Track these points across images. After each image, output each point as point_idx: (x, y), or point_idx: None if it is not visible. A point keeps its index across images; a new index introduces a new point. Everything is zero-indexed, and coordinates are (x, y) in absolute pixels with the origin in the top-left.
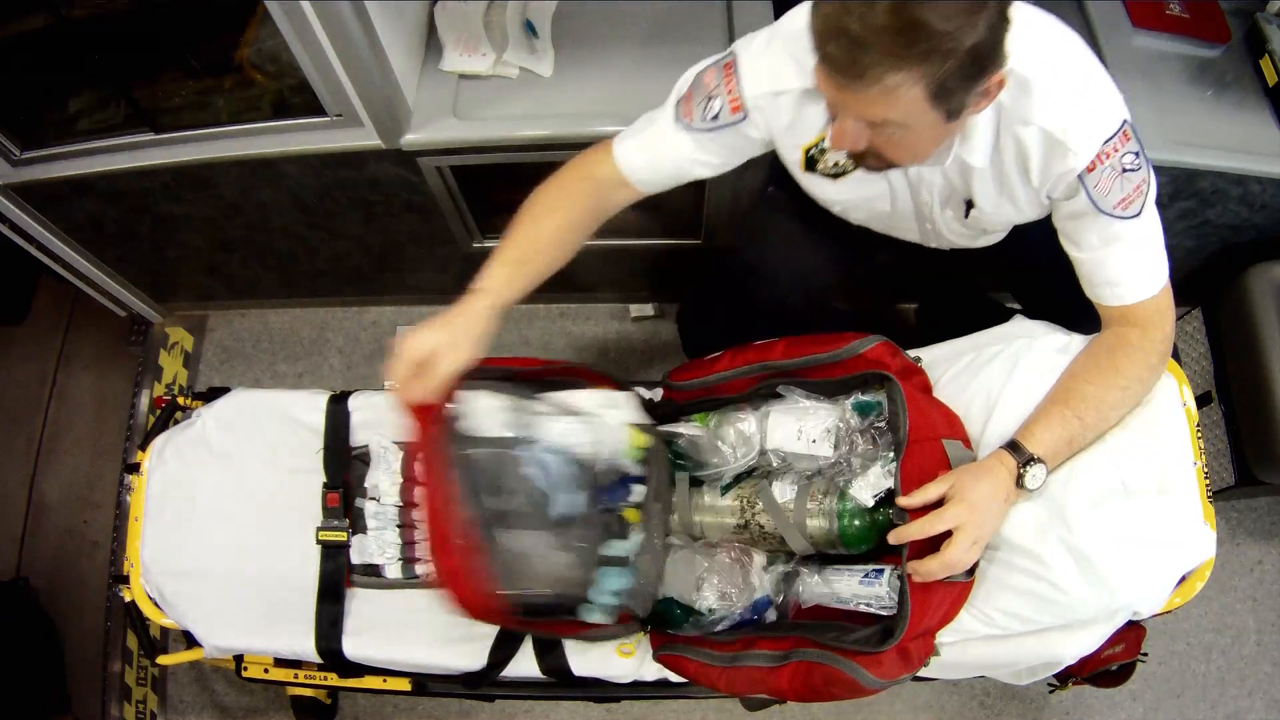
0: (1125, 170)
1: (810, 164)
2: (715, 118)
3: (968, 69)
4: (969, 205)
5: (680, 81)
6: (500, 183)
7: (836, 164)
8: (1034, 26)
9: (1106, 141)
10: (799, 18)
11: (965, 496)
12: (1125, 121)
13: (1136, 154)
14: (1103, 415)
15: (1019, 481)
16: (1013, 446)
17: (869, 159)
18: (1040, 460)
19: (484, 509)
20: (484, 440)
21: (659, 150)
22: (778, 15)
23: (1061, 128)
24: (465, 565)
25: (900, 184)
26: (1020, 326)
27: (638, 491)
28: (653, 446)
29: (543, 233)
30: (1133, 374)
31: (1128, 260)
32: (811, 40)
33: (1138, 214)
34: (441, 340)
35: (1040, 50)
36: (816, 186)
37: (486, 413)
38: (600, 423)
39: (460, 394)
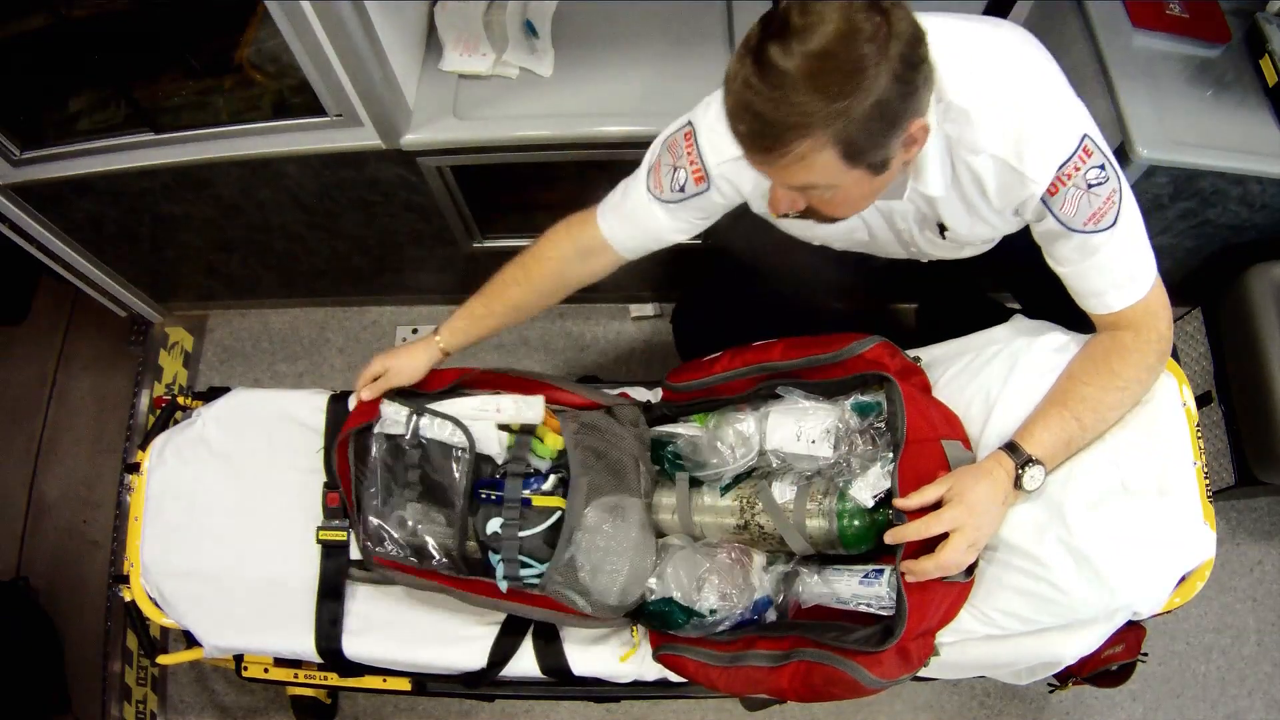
0: (1091, 186)
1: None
2: (681, 189)
3: (876, 124)
4: (942, 227)
5: (650, 150)
6: (500, 183)
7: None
8: (973, 54)
9: (1063, 165)
10: None
11: (964, 499)
12: (1084, 137)
13: (1101, 167)
14: (1101, 416)
15: (1017, 483)
16: (1011, 448)
17: (814, 216)
18: (1039, 462)
19: (383, 481)
20: (386, 436)
21: (636, 221)
22: None
23: (1014, 154)
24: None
25: (874, 217)
26: (1020, 326)
27: (550, 485)
28: (563, 448)
29: (507, 300)
30: (1130, 375)
31: (1108, 270)
32: (726, 121)
33: (1111, 225)
34: (390, 365)
35: (979, 78)
36: (795, 228)
37: (393, 415)
38: (482, 425)
39: (382, 403)
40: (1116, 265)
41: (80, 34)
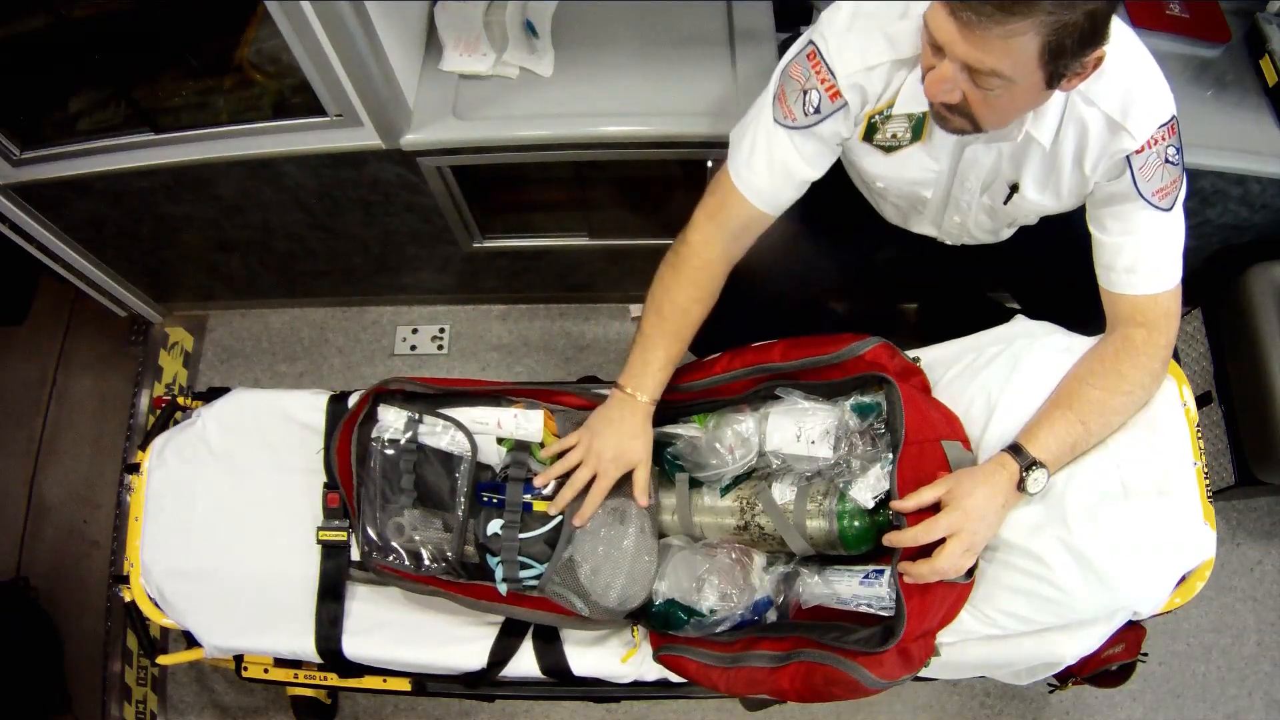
0: (1168, 161)
1: (869, 132)
2: (817, 109)
3: (1085, 32)
4: (1012, 191)
5: (767, 88)
6: (500, 183)
7: (894, 135)
8: None
9: (1159, 128)
10: None
11: (961, 503)
12: (1174, 116)
13: (1178, 150)
14: (1106, 420)
15: (1021, 486)
16: (1015, 450)
17: (954, 117)
18: (1042, 465)
19: (383, 488)
20: (386, 441)
21: (774, 165)
22: (778, 15)
23: (1122, 111)
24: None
25: (946, 167)
26: (1020, 326)
27: (550, 489)
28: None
29: (693, 320)
30: (1136, 379)
31: (1149, 250)
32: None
33: (1169, 208)
34: (638, 451)
35: (1112, 35)
36: (866, 158)
37: (392, 420)
38: (485, 435)
39: (379, 407)
40: (1156, 250)
41: (80, 34)
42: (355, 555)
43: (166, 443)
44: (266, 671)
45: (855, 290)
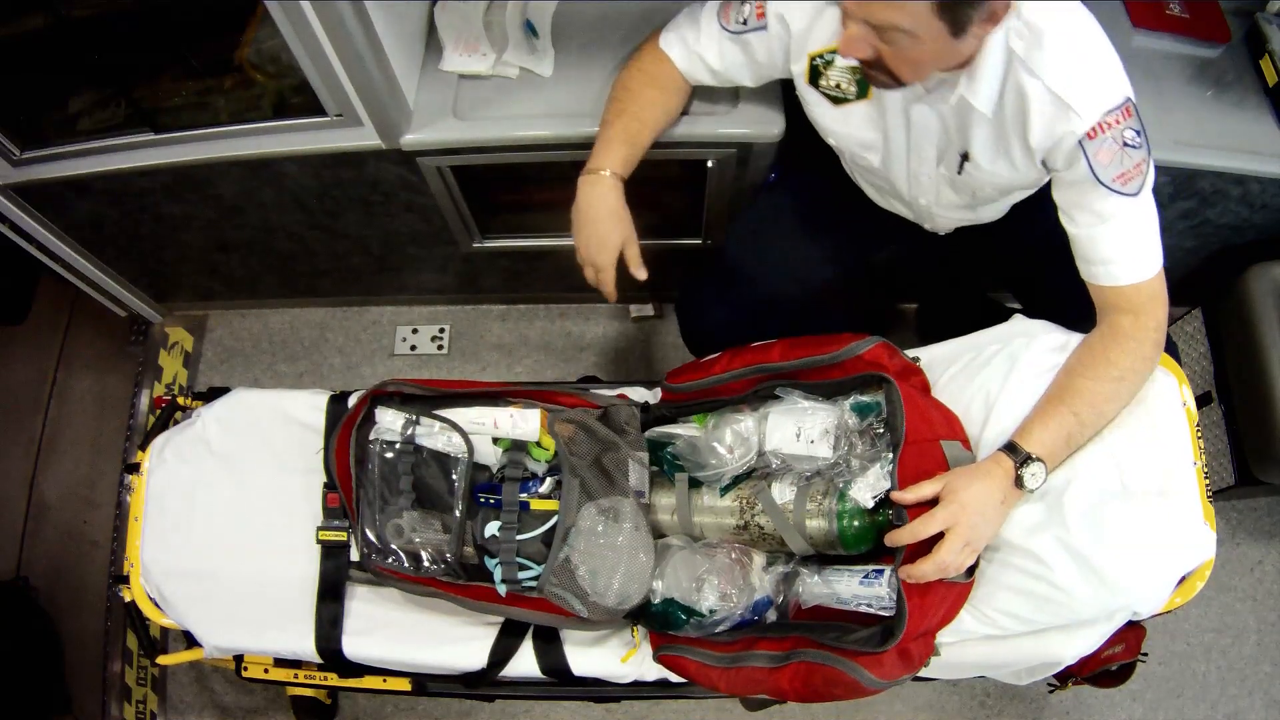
0: (1126, 145)
1: (814, 75)
2: (744, 23)
3: None
4: (963, 159)
5: None
6: (500, 183)
7: (839, 85)
8: None
9: (1110, 111)
10: None
11: (957, 497)
12: (1129, 99)
13: (1138, 132)
14: (1098, 409)
15: (1018, 482)
16: (1010, 448)
17: (876, 72)
18: (1039, 459)
19: (382, 490)
20: (384, 443)
21: (690, 49)
22: None
23: (1066, 87)
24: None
25: (897, 129)
26: (1020, 326)
27: (546, 488)
28: (558, 453)
29: (645, 105)
30: (1126, 364)
31: (1121, 239)
32: None
33: (1135, 193)
34: (617, 235)
35: (1059, 9)
36: (816, 107)
37: (389, 422)
38: (482, 435)
39: (377, 409)
40: (1130, 237)
41: (80, 34)
42: (355, 555)
43: (166, 443)
44: (266, 671)
45: (855, 290)
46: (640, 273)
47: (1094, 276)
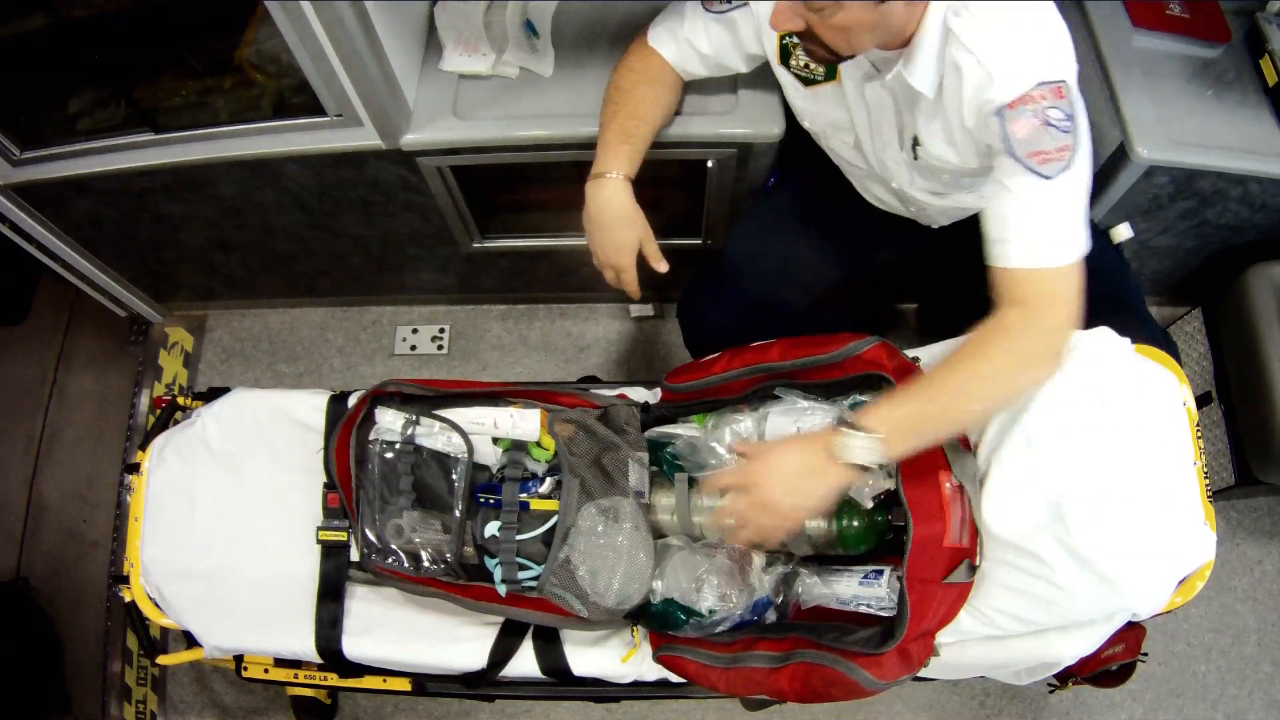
0: (1049, 124)
1: (784, 55)
2: (729, 0)
3: None
4: (915, 143)
5: None
6: (500, 183)
7: (808, 66)
8: None
9: (1037, 85)
10: None
11: (759, 452)
12: (1064, 81)
13: (1068, 116)
14: (959, 404)
15: (845, 455)
16: (842, 419)
17: (812, 45)
18: (866, 431)
19: (382, 490)
20: (384, 443)
21: (680, 37)
22: None
23: (993, 57)
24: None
25: (860, 115)
26: None
27: (546, 488)
28: (558, 453)
29: (640, 102)
30: (1001, 364)
31: (1022, 220)
32: None
33: (1050, 176)
34: (633, 235)
35: None
36: (790, 89)
37: (389, 422)
38: (482, 435)
39: (377, 409)
40: (1033, 218)
41: (80, 34)
42: (355, 555)
43: (166, 443)
44: (266, 671)
45: (855, 290)
46: (661, 266)
47: (994, 257)
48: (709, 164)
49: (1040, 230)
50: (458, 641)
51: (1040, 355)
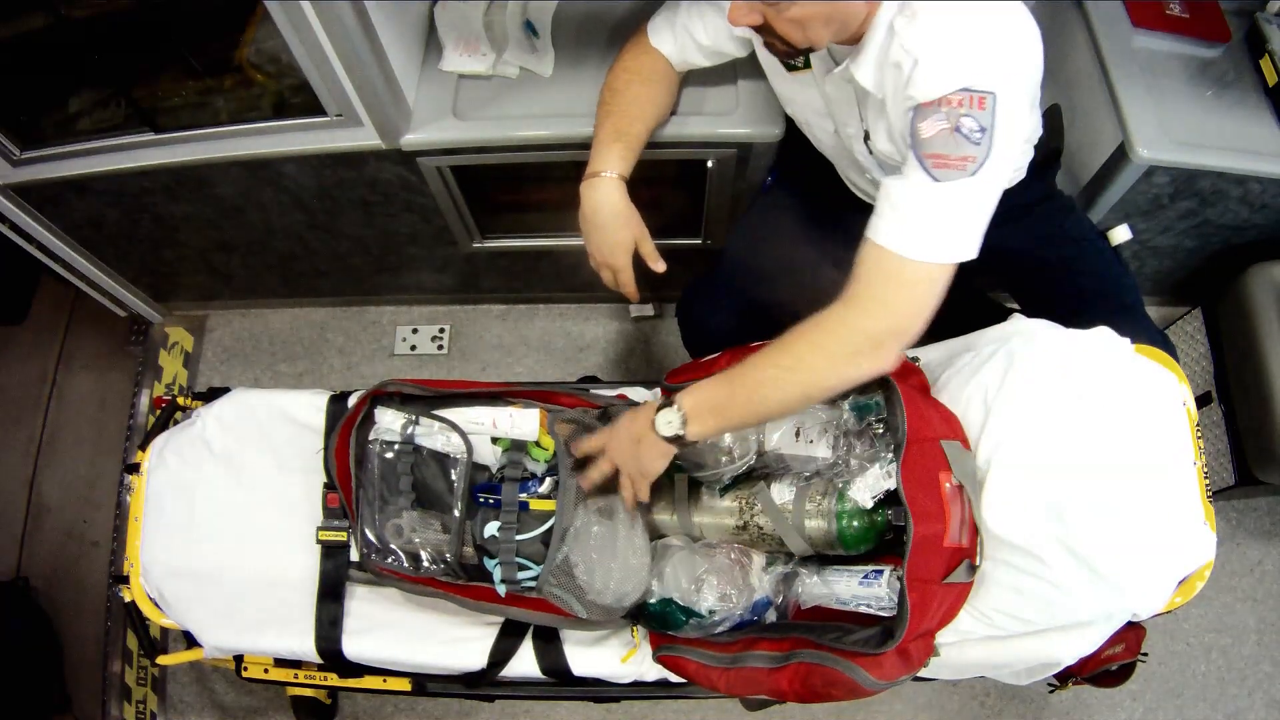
0: (959, 131)
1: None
2: None
3: None
4: (866, 137)
5: None
6: (500, 183)
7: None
8: None
9: (959, 90)
10: None
11: (605, 432)
12: (993, 95)
13: (983, 130)
14: (757, 393)
15: (654, 426)
16: (667, 396)
17: (773, 40)
18: (678, 409)
19: (381, 490)
20: (383, 443)
21: (678, 27)
22: None
23: (924, 56)
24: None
25: (829, 106)
26: (1019, 326)
27: (546, 488)
28: (557, 453)
29: (633, 101)
30: (800, 352)
31: (900, 203)
32: None
33: (939, 182)
34: (627, 234)
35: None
36: (774, 75)
37: (389, 423)
38: (481, 435)
39: (376, 409)
40: (909, 209)
41: (80, 34)
42: (355, 555)
43: (166, 443)
44: (266, 671)
45: None
46: (659, 265)
47: (866, 230)
48: (709, 164)
49: (903, 218)
50: (458, 641)
51: (856, 357)
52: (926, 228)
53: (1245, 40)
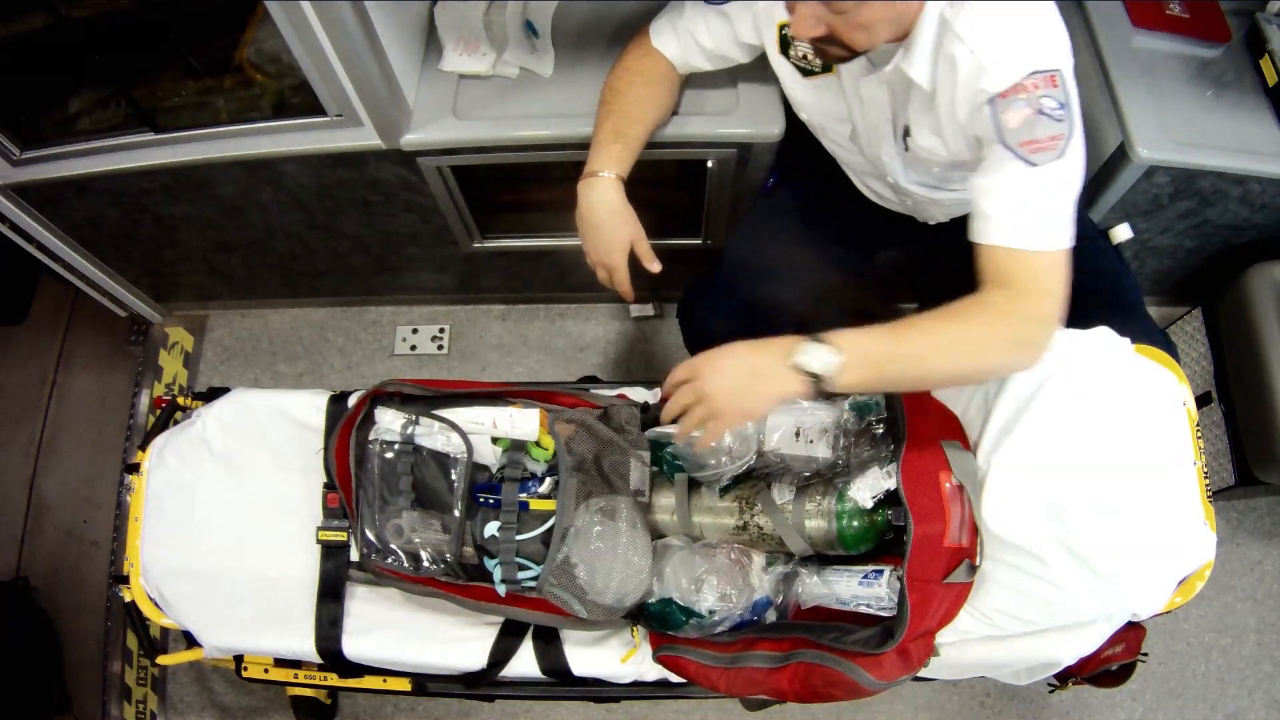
0: (1043, 113)
1: (785, 45)
2: None
3: None
4: (906, 134)
5: None
6: (500, 183)
7: (805, 57)
8: None
9: (1030, 75)
10: None
11: (706, 354)
12: (1059, 70)
13: (1061, 105)
14: (929, 356)
15: (798, 359)
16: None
17: (829, 47)
18: (831, 345)
19: (381, 490)
20: (383, 443)
21: (681, 31)
22: None
23: (985, 48)
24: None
25: (855, 108)
26: None
27: (546, 488)
28: (557, 453)
29: (634, 102)
30: (979, 335)
31: (1009, 199)
32: None
33: (1037, 164)
34: (624, 234)
35: None
36: (789, 80)
37: (389, 422)
38: (481, 435)
39: (376, 409)
40: (1018, 201)
41: (80, 34)
42: (355, 555)
43: (166, 443)
44: (266, 671)
45: (855, 290)
46: (654, 265)
47: (976, 233)
48: (709, 164)
49: (1025, 213)
50: (458, 641)
51: (1021, 341)
52: (1041, 216)
53: (1245, 40)
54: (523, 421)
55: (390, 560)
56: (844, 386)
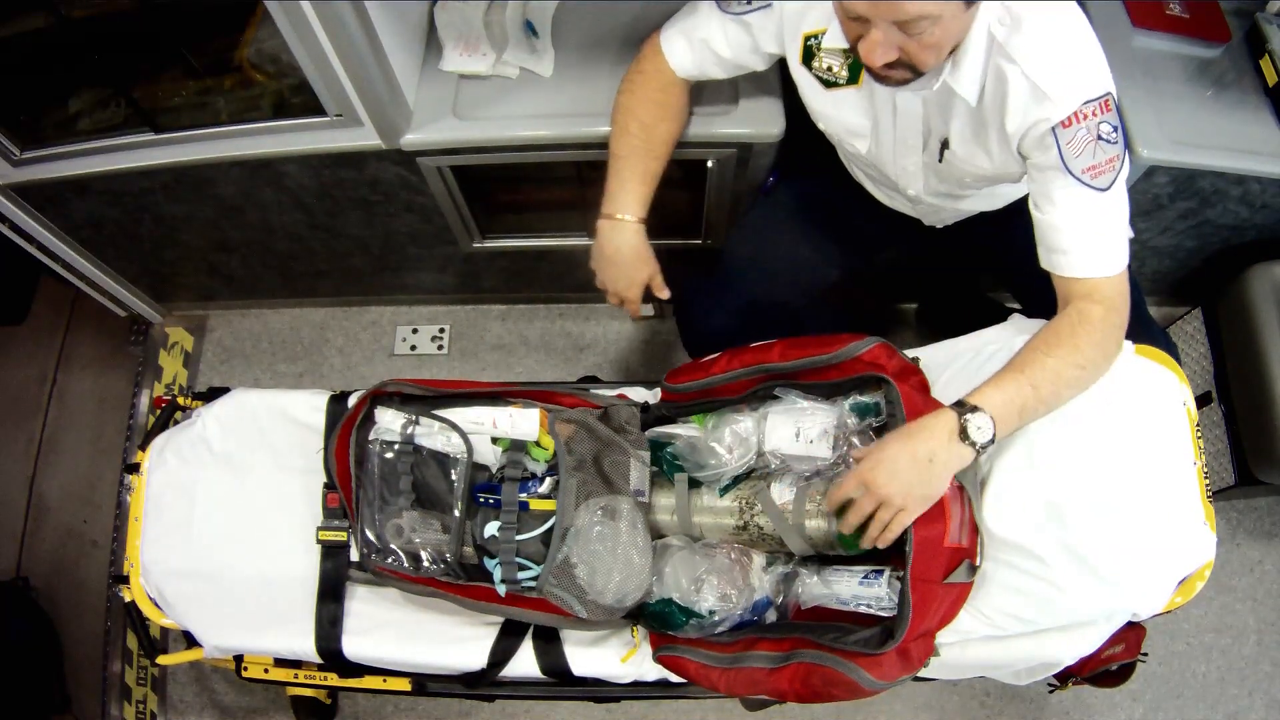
0: (1100, 138)
1: (807, 56)
2: (749, 1)
3: None
4: (944, 147)
5: None
6: (500, 183)
7: (830, 69)
8: None
9: (1087, 102)
10: None
11: (870, 456)
12: (1109, 93)
13: (1115, 128)
14: (1056, 391)
15: (964, 435)
16: (957, 404)
17: (895, 72)
18: (983, 411)
19: (381, 490)
20: (383, 443)
21: (695, 40)
22: None
23: (1044, 74)
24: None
25: (885, 120)
26: (1019, 326)
27: (546, 488)
28: (557, 453)
29: (660, 141)
30: (1091, 354)
31: (1084, 231)
32: None
33: (1105, 188)
34: (643, 274)
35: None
36: (808, 90)
37: (389, 422)
38: (481, 435)
39: (376, 409)
40: (1094, 230)
41: (80, 34)
42: (355, 555)
43: (166, 443)
44: (266, 671)
45: (855, 290)
46: (664, 293)
47: (1053, 266)
48: (709, 164)
49: (1105, 239)
50: (458, 642)
51: (1118, 347)
52: (1116, 239)
53: (1245, 40)
54: (523, 421)
55: (390, 560)
56: (998, 440)
